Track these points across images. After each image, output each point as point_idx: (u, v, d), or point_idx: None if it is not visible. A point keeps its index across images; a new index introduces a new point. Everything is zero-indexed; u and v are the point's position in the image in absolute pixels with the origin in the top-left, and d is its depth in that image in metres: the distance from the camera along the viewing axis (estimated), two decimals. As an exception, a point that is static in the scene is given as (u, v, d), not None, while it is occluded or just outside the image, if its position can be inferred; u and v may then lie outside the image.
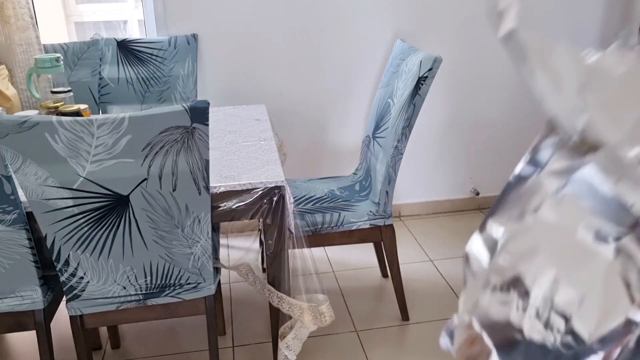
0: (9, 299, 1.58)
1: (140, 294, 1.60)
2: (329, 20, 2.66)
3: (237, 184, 1.60)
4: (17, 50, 2.28)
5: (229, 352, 2.05)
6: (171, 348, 2.08)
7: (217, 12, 2.58)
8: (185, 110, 1.33)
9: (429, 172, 3.00)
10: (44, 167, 1.35)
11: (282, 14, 2.62)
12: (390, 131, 2.03)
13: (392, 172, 2.00)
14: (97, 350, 2.06)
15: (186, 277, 1.60)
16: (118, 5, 3.41)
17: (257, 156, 1.80)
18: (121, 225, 1.47)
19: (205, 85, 2.67)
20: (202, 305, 1.66)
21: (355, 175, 2.38)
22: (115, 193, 1.42)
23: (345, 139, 2.87)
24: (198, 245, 1.55)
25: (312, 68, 2.73)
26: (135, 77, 2.50)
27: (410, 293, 2.27)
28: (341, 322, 2.18)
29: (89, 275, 1.53)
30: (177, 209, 1.47)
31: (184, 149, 1.38)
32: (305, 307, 1.65)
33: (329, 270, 2.57)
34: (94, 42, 2.49)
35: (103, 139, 1.32)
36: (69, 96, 1.93)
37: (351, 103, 2.82)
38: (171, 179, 1.42)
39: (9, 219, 1.46)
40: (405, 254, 2.54)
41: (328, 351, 2.04)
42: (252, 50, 2.66)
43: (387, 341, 2.08)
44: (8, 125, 1.28)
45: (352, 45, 2.71)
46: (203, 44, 2.61)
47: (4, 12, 2.23)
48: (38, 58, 1.95)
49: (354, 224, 2.04)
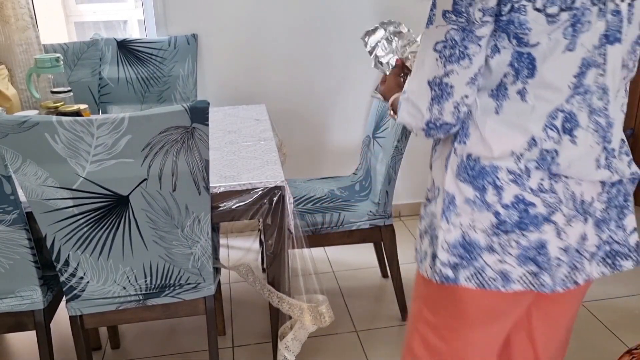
0: (8, 299, 1.58)
1: (140, 294, 1.60)
2: (329, 20, 2.66)
3: (237, 184, 1.60)
4: (17, 50, 2.28)
5: (229, 352, 2.05)
6: (171, 348, 2.08)
7: (217, 12, 2.58)
8: (185, 110, 1.33)
9: (429, 172, 2.99)
10: (43, 167, 1.35)
11: (282, 13, 2.62)
12: (390, 131, 2.03)
13: (392, 172, 2.00)
14: (97, 350, 2.06)
15: (186, 277, 1.60)
16: (118, 5, 3.41)
17: (257, 156, 1.80)
18: (121, 225, 1.47)
19: (205, 85, 2.67)
20: (202, 305, 1.66)
21: (355, 175, 2.38)
22: (115, 193, 1.42)
23: (345, 139, 2.87)
24: (198, 245, 1.55)
25: (312, 68, 2.73)
26: (135, 77, 2.50)
27: (410, 293, 2.26)
28: (341, 322, 2.18)
29: (89, 275, 1.53)
30: (177, 209, 1.47)
31: (184, 149, 1.38)
32: (305, 307, 1.65)
33: (328, 270, 2.57)
34: (94, 42, 2.49)
35: (103, 139, 1.32)
36: (69, 96, 1.93)
37: (351, 103, 2.81)
38: (171, 179, 1.42)
39: (9, 219, 1.46)
40: (405, 254, 2.53)
41: (328, 351, 2.04)
42: (252, 50, 2.66)
43: (387, 341, 2.08)
44: (8, 125, 1.28)
45: (352, 45, 2.71)
46: (203, 44, 2.61)
47: (4, 12, 2.23)
48: (38, 58, 1.95)
49: (354, 224, 2.04)
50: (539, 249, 0.93)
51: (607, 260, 1.01)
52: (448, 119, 0.93)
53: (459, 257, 0.96)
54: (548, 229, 0.93)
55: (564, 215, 0.93)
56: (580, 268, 0.97)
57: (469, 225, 0.95)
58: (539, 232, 0.93)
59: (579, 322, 2.14)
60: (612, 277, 2.46)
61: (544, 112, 0.89)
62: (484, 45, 0.87)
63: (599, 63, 0.88)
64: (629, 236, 1.01)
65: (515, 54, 0.87)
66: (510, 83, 0.89)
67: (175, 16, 2.56)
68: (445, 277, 0.98)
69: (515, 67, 0.88)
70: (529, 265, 0.94)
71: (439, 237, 0.98)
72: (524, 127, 0.90)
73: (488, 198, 0.93)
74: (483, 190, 0.93)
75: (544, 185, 0.92)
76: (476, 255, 0.95)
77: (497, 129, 0.91)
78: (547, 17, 0.82)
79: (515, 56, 0.87)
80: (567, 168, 0.91)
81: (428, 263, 1.02)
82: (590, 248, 0.97)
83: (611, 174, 0.94)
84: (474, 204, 0.94)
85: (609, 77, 0.89)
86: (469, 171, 0.94)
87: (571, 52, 0.86)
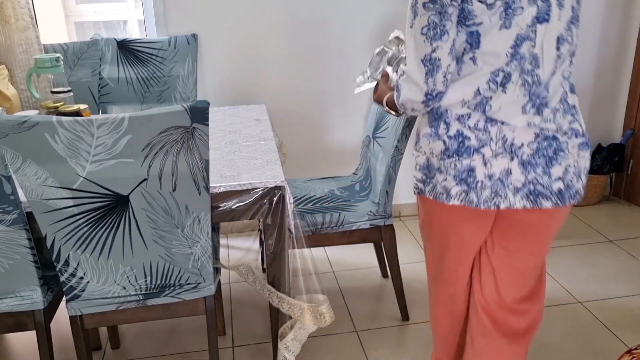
0: (8, 299, 1.58)
1: (140, 294, 1.60)
2: (329, 20, 2.66)
3: (237, 184, 1.60)
4: (17, 50, 2.28)
5: (229, 352, 2.05)
6: (171, 348, 2.08)
7: (217, 12, 2.58)
8: (185, 110, 1.33)
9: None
10: (43, 167, 1.35)
11: (282, 14, 2.62)
12: (391, 131, 2.03)
13: (392, 172, 2.00)
14: (97, 350, 2.06)
15: (186, 277, 1.60)
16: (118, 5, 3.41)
17: (257, 156, 1.80)
18: (121, 225, 1.47)
19: (205, 85, 2.67)
20: (202, 305, 1.66)
21: (355, 175, 2.38)
22: (115, 193, 1.42)
23: (345, 139, 2.87)
24: (198, 245, 1.55)
25: (312, 68, 2.73)
26: (135, 77, 2.50)
27: (410, 293, 2.27)
28: (341, 322, 2.18)
29: (89, 275, 1.53)
30: (177, 209, 1.47)
31: (184, 149, 1.38)
32: (305, 307, 1.65)
33: (329, 270, 2.57)
34: (94, 42, 2.49)
35: (103, 139, 1.32)
36: (69, 96, 1.93)
37: (351, 103, 2.82)
38: (171, 179, 1.42)
39: (9, 219, 1.46)
40: (405, 254, 2.54)
41: (328, 351, 2.04)
42: (252, 50, 2.66)
43: (387, 341, 2.08)
44: (8, 125, 1.28)
45: (352, 45, 2.71)
46: (203, 44, 2.61)
47: (4, 12, 2.23)
48: (38, 58, 1.95)
49: (354, 224, 2.04)
50: (469, 172, 1.25)
51: (530, 197, 1.26)
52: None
53: (424, 175, 1.33)
54: (477, 157, 1.24)
55: (492, 150, 1.23)
56: (503, 196, 1.25)
57: (430, 152, 1.30)
58: (470, 159, 1.24)
59: (579, 322, 2.15)
60: (612, 277, 2.46)
61: (488, 71, 1.21)
62: (454, 21, 1.18)
63: (532, 37, 1.19)
64: (553, 182, 1.25)
65: (468, 33, 1.19)
66: (466, 53, 1.22)
67: (175, 16, 2.56)
68: (419, 190, 1.36)
69: (469, 42, 1.20)
70: (462, 185, 1.26)
71: (415, 162, 1.36)
72: (473, 82, 1.22)
73: (440, 131, 1.27)
74: (437, 127, 1.27)
75: (479, 125, 1.24)
76: (433, 174, 1.30)
77: (455, 86, 1.23)
78: (486, 5, 1.16)
79: (468, 34, 1.20)
80: (498, 111, 1.22)
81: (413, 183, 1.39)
82: (516, 183, 1.24)
83: (539, 120, 1.22)
84: (431, 137, 1.29)
85: (538, 48, 1.20)
86: (433, 114, 1.28)
87: (507, 29, 1.18)
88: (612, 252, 2.63)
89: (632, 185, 3.10)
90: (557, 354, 1.98)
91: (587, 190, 3.10)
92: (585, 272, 2.47)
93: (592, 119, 3.04)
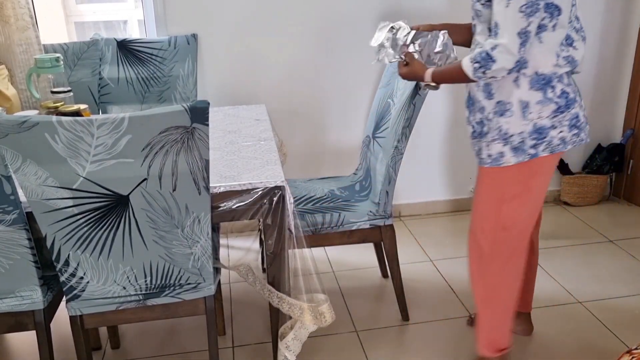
0: (8, 299, 1.58)
1: (140, 294, 1.60)
2: (328, 20, 2.66)
3: (237, 184, 1.60)
4: (17, 50, 2.28)
5: (229, 352, 2.05)
6: (171, 348, 2.08)
7: (217, 12, 2.58)
8: (185, 110, 1.33)
9: (429, 172, 3.00)
10: (43, 167, 1.35)
11: (282, 14, 2.62)
12: (391, 131, 2.03)
13: (392, 172, 2.00)
14: (97, 350, 2.06)
15: (186, 277, 1.60)
16: (118, 5, 3.41)
17: (257, 156, 1.80)
18: (121, 225, 1.47)
19: (205, 85, 2.67)
20: (202, 305, 1.66)
21: (355, 175, 2.38)
22: (115, 193, 1.42)
23: (345, 139, 2.87)
24: (198, 245, 1.55)
25: (312, 68, 2.73)
26: (135, 77, 2.50)
27: (410, 293, 2.27)
28: (341, 322, 2.18)
29: (89, 275, 1.53)
30: (177, 209, 1.47)
31: (184, 149, 1.38)
32: (306, 307, 1.65)
33: (329, 270, 2.57)
34: (94, 42, 2.49)
35: (103, 139, 1.32)
36: (69, 96, 1.93)
37: (351, 103, 2.82)
38: (171, 179, 1.42)
39: (9, 219, 1.46)
40: (405, 254, 2.54)
41: (328, 351, 2.04)
42: (252, 50, 2.66)
43: (387, 341, 2.08)
44: (8, 125, 1.28)
45: (352, 45, 2.71)
46: (203, 44, 2.61)
47: (4, 12, 2.23)
48: (38, 58, 1.95)
49: (354, 224, 2.04)
50: (577, 118, 1.58)
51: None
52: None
53: (535, 139, 1.56)
54: (576, 105, 1.57)
55: (580, 97, 1.60)
56: (586, 131, 1.62)
57: (538, 117, 1.55)
58: (574, 108, 1.57)
59: (579, 322, 2.15)
60: (612, 277, 2.46)
61: (562, 38, 1.51)
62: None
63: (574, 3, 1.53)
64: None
65: (545, 5, 1.44)
66: (548, 22, 1.48)
67: (175, 16, 2.56)
68: (531, 155, 1.58)
69: (549, 12, 1.46)
70: (573, 130, 1.57)
71: (519, 133, 1.57)
72: (554, 48, 1.52)
73: (548, 95, 1.54)
74: (545, 92, 1.53)
75: (569, 80, 1.57)
76: (545, 133, 1.56)
77: (544, 51, 1.51)
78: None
79: (545, 6, 1.45)
80: (580, 64, 1.57)
81: (510, 155, 1.59)
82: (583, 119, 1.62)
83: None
84: (542, 103, 1.54)
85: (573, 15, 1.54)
86: (540, 82, 1.53)
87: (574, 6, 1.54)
88: (612, 252, 2.63)
89: (632, 185, 3.10)
90: (557, 354, 1.98)
91: (587, 190, 3.10)
92: (585, 272, 2.47)
93: (592, 119, 3.02)
